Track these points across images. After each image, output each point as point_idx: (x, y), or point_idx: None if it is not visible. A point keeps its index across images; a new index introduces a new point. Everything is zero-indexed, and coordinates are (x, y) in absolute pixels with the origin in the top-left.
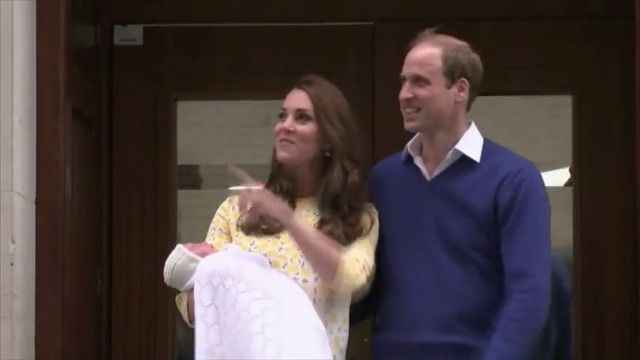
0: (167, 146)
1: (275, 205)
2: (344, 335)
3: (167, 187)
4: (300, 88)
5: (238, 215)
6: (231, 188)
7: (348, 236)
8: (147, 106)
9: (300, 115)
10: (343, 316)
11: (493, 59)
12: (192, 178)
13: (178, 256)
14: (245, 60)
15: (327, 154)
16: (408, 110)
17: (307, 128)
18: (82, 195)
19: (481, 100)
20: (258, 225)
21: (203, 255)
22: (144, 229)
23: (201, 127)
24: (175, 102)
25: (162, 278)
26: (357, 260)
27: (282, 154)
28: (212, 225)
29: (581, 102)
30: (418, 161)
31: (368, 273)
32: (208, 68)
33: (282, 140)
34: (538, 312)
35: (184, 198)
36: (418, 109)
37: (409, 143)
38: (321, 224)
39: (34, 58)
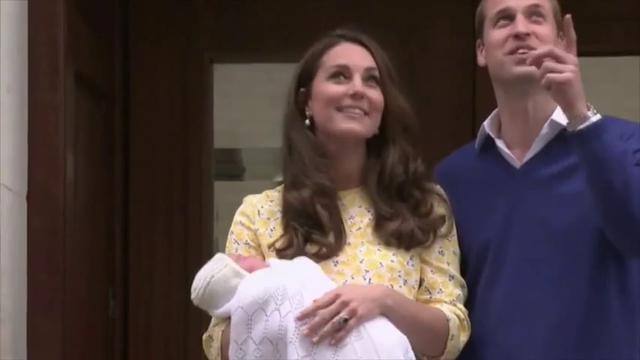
0: (200, 124)
1: (362, 298)
2: None
3: (200, 178)
4: (351, 41)
5: (268, 223)
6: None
7: (425, 231)
8: (174, 72)
9: (369, 77)
10: None
11: (593, 9)
12: (233, 165)
13: (219, 267)
14: (300, 12)
15: (376, 132)
16: (522, 51)
17: (378, 96)
18: (89, 189)
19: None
20: (305, 250)
21: (251, 270)
22: (170, 234)
23: (245, 99)
24: (211, 65)
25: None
26: (459, 316)
27: (352, 126)
28: (232, 238)
29: None
30: (501, 144)
31: (469, 323)
32: (253, 22)
33: (349, 107)
34: None
35: (223, 192)
36: None
37: (485, 123)
38: (382, 221)
39: (26, 9)
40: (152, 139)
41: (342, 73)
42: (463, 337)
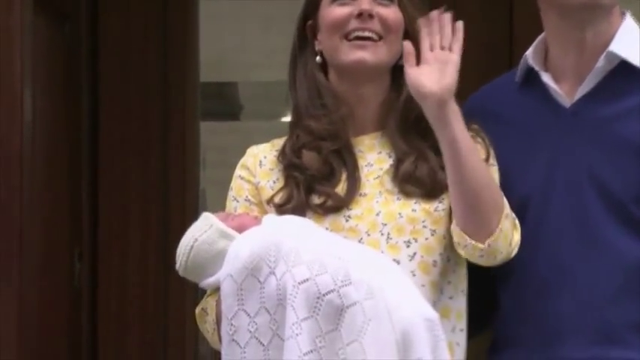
0: (183, 53)
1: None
2: (460, 339)
3: (183, 117)
4: None
5: (271, 174)
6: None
7: None
8: None
9: None
10: (458, 309)
11: None
12: (224, 103)
13: (203, 227)
14: None
15: (400, 62)
16: None
17: (394, 14)
18: (51, 131)
19: None
20: (309, 203)
21: (242, 229)
22: (147, 184)
23: (237, 25)
24: None
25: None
26: (507, 212)
27: (360, 56)
28: (231, 195)
29: None
30: (547, 78)
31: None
32: None
33: (357, 31)
34: None
35: (212, 134)
36: None
37: (528, 52)
38: (398, 165)
39: None
40: (125, 71)
41: None
42: (517, 236)
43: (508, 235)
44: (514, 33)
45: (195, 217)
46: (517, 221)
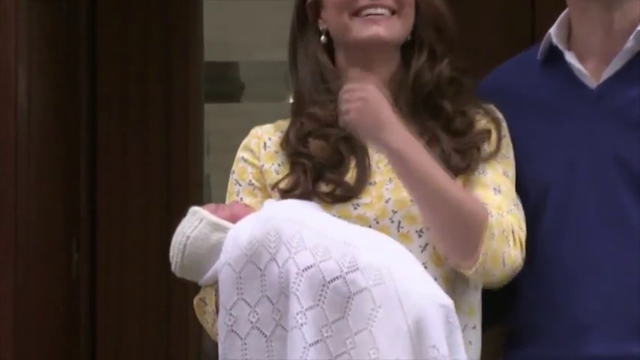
0: (186, 33)
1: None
2: (474, 337)
3: (186, 99)
4: None
5: (275, 157)
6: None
7: (464, 154)
8: None
9: None
10: (470, 305)
11: None
12: (228, 84)
13: (193, 223)
14: None
15: (409, 37)
16: None
17: None
18: (48, 114)
19: None
20: (316, 190)
21: (234, 219)
22: (148, 170)
23: (239, 2)
24: None
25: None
26: (509, 226)
27: (375, 31)
28: (233, 178)
29: None
30: (571, 57)
31: (524, 245)
32: None
33: (368, 8)
34: None
35: (215, 117)
36: None
37: (552, 30)
38: None
39: None
40: (126, 51)
41: None
42: (514, 251)
43: (498, 256)
44: (536, 7)
45: (199, 204)
46: (515, 234)
